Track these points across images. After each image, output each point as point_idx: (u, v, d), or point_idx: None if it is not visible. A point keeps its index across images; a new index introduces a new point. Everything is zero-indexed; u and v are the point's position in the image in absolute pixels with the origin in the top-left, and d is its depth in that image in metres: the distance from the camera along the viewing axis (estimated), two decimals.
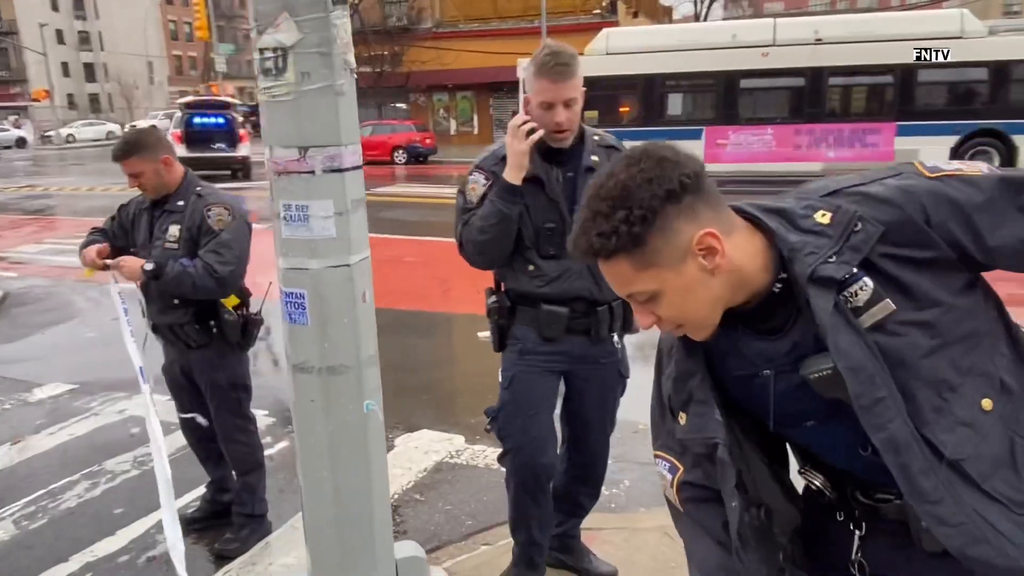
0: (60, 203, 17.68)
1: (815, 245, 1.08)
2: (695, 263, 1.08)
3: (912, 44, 14.64)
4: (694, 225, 1.07)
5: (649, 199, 1.04)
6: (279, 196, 1.34)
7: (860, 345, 1.05)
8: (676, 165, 1.08)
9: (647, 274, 1.09)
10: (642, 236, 1.05)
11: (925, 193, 1.07)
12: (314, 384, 1.41)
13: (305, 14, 1.24)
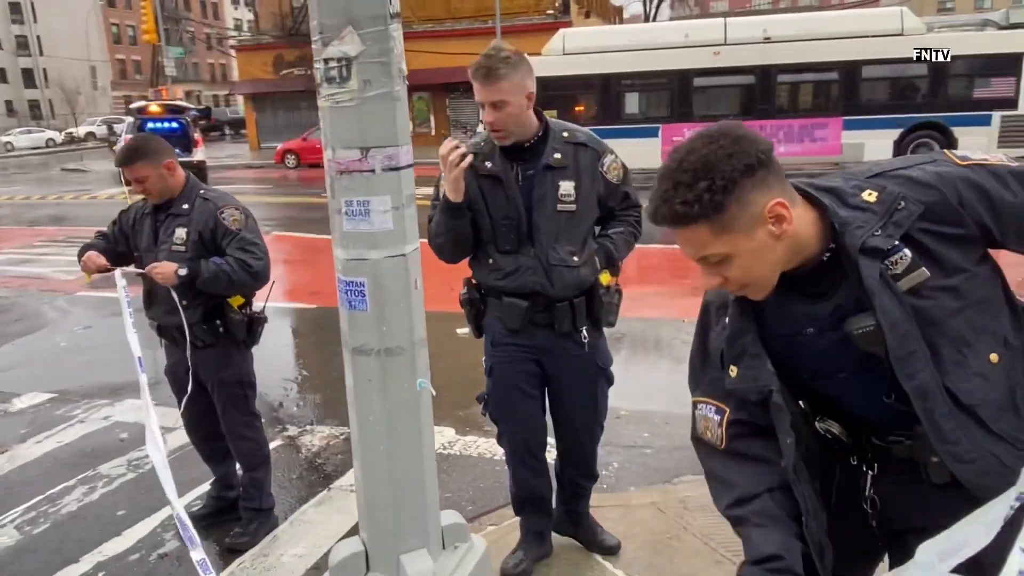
0: (9, 212, 17.19)
1: (863, 220, 1.26)
2: (765, 230, 1.24)
3: (855, 41, 15.25)
4: (766, 195, 1.23)
5: (730, 172, 1.20)
6: (341, 194, 1.47)
7: (898, 306, 1.24)
8: (752, 142, 1.25)
9: (722, 239, 1.24)
10: (722, 204, 1.21)
11: (959, 179, 1.26)
12: (372, 365, 1.54)
13: (367, 27, 1.37)
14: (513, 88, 2.36)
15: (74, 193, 20.47)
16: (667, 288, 7.89)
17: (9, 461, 4.32)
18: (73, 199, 19.17)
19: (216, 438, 3.41)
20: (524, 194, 2.49)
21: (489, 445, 4.25)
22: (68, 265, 9.99)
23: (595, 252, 2.58)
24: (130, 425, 4.76)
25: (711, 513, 3.31)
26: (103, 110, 60.69)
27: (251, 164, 27.97)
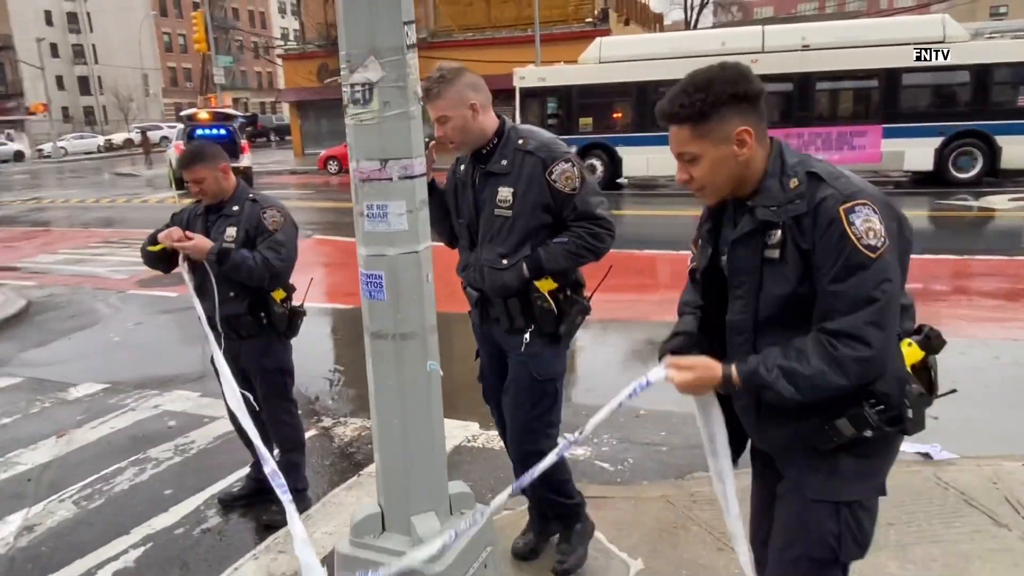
0: (65, 215, 18.00)
1: (773, 195, 1.66)
2: (730, 148, 1.65)
3: (897, 49, 15.13)
4: (740, 122, 1.64)
5: (721, 94, 1.62)
6: (363, 198, 1.70)
7: (751, 260, 1.68)
8: (749, 82, 1.66)
9: (697, 142, 1.66)
10: (707, 115, 1.63)
11: (840, 233, 1.58)
12: (388, 348, 1.77)
13: (387, 57, 1.60)
14: (450, 104, 2.52)
15: (126, 197, 21.31)
16: None
17: (67, 444, 4.67)
18: (125, 202, 19.97)
19: (256, 424, 3.68)
20: (478, 197, 2.69)
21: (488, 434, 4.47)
22: (120, 265, 10.53)
23: (525, 258, 2.60)
24: (177, 414, 5.09)
25: (719, 506, 3.48)
26: (154, 116, 62.68)
27: (295, 170, 28.70)
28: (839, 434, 1.67)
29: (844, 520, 1.74)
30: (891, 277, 1.58)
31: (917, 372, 1.69)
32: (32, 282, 9.79)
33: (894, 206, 1.69)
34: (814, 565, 1.80)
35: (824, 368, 1.56)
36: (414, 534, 1.83)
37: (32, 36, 51.35)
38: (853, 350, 1.55)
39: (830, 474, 1.74)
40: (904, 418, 1.66)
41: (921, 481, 3.66)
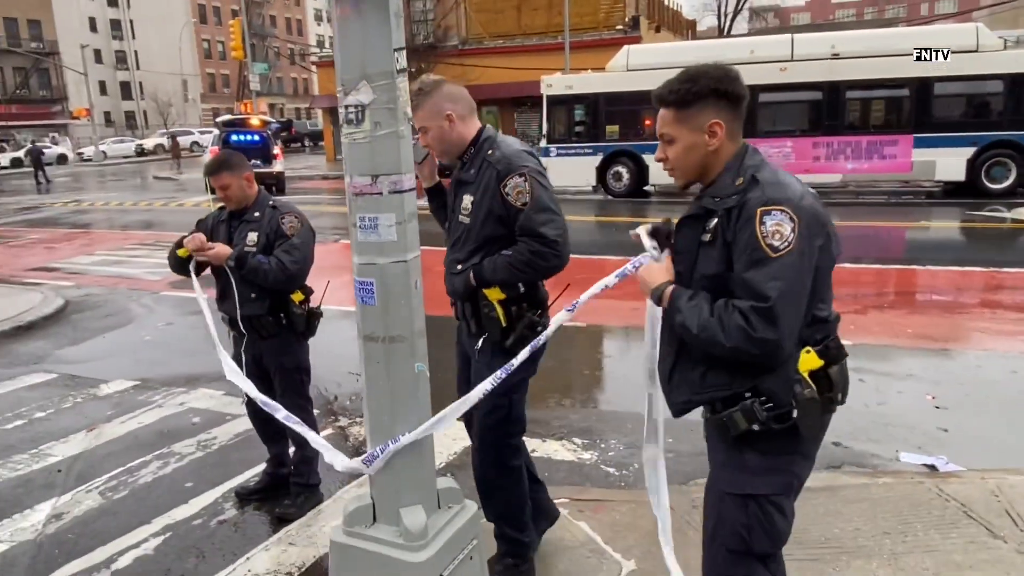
0: (104, 217, 18.56)
1: (722, 188, 1.89)
2: (701, 137, 1.88)
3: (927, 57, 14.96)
4: (714, 116, 1.87)
5: (705, 88, 1.85)
6: (356, 211, 1.84)
7: (691, 239, 1.92)
8: (734, 84, 1.87)
9: (676, 126, 1.90)
10: (688, 102, 1.87)
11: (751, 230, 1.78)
12: (379, 350, 1.90)
13: (378, 81, 1.73)
14: (428, 115, 2.66)
15: (163, 200, 21.88)
16: None
17: (97, 438, 4.90)
18: (162, 206, 20.52)
19: (273, 420, 3.83)
20: (453, 203, 2.85)
21: (528, 442, 4.56)
22: (155, 266, 10.87)
23: (473, 266, 2.68)
24: (202, 411, 5.29)
25: None
26: (193, 121, 64.16)
27: (327, 175, 29.17)
28: (735, 425, 1.87)
29: (753, 513, 1.92)
30: (785, 279, 1.73)
31: (816, 379, 1.83)
32: (70, 282, 10.16)
33: (827, 224, 1.85)
34: (731, 556, 1.97)
35: (716, 324, 1.78)
36: (402, 525, 1.96)
37: (77, 42, 52.92)
38: (740, 322, 1.75)
39: (738, 469, 1.92)
40: (790, 417, 1.81)
41: (922, 492, 3.69)
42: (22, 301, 8.66)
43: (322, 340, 3.87)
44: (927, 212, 14.45)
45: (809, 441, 1.93)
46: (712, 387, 1.92)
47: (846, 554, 3.16)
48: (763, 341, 1.73)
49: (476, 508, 2.19)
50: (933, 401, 5.02)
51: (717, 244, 1.84)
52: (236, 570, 3.33)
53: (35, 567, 3.41)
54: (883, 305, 7.76)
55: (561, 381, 5.80)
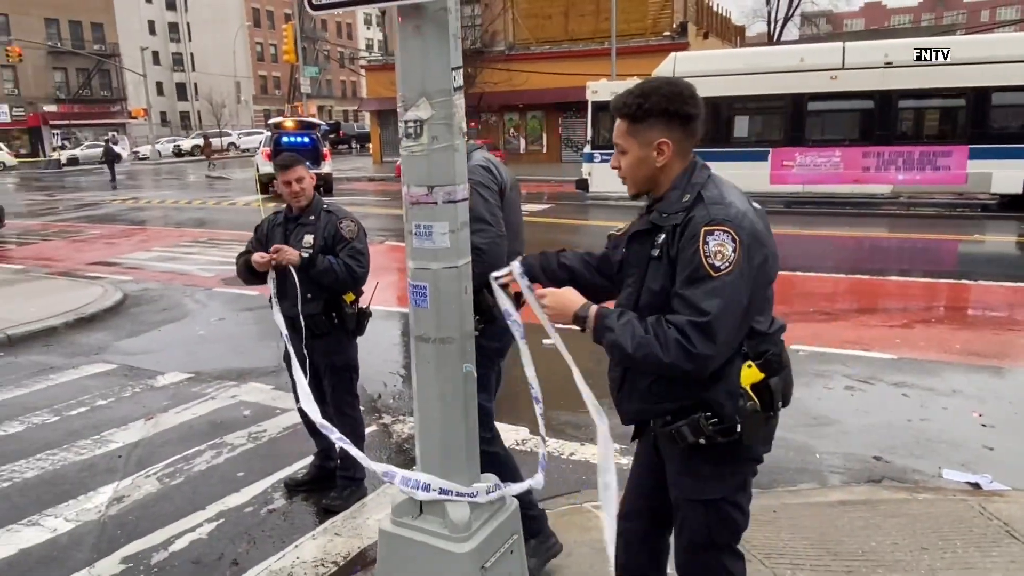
0: (160, 215, 19.19)
1: (671, 204, 1.96)
2: (650, 151, 1.96)
3: (985, 67, 14.61)
4: (663, 134, 1.94)
5: (657, 105, 1.92)
6: (412, 219, 1.96)
7: (641, 255, 1.98)
8: (686, 104, 1.93)
9: (627, 139, 1.99)
10: (640, 117, 1.94)
11: (695, 248, 1.85)
12: (430, 350, 2.01)
13: (437, 98, 1.85)
14: None
15: (216, 199, 22.51)
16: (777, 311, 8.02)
17: (154, 426, 5.13)
18: (215, 204, 21.12)
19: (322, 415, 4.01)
20: None
21: (558, 444, 4.66)
22: (208, 263, 11.25)
23: None
24: (252, 404, 5.50)
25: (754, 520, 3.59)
26: (245, 123, 65.74)
27: (373, 177, 29.65)
28: (683, 438, 1.97)
29: (712, 514, 2.06)
30: (724, 296, 1.81)
31: (758, 391, 1.91)
32: (129, 277, 10.58)
33: (766, 243, 1.93)
34: (697, 549, 2.10)
35: (653, 341, 1.83)
36: (447, 518, 2.07)
37: (137, 45, 54.76)
38: (677, 336, 1.81)
39: (694, 477, 2.06)
40: (734, 431, 1.90)
41: (964, 510, 3.67)
42: (84, 294, 9.06)
43: (368, 339, 4.01)
44: (981, 225, 14.09)
45: (757, 447, 2.03)
46: (660, 397, 1.99)
47: (882, 567, 3.16)
48: (700, 356, 1.80)
49: (517, 505, 2.28)
50: (979, 419, 4.95)
51: (664, 260, 1.92)
52: (285, 556, 3.48)
53: (99, 545, 3.61)
54: (931, 319, 7.63)
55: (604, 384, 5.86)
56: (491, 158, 2.91)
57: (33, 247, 13.87)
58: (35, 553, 3.56)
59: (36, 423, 5.21)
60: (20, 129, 51.02)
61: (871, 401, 5.31)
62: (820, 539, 3.40)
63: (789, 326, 2.23)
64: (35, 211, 20.49)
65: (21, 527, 3.80)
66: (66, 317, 7.97)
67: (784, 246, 8.71)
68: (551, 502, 3.85)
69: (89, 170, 32.77)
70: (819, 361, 6.16)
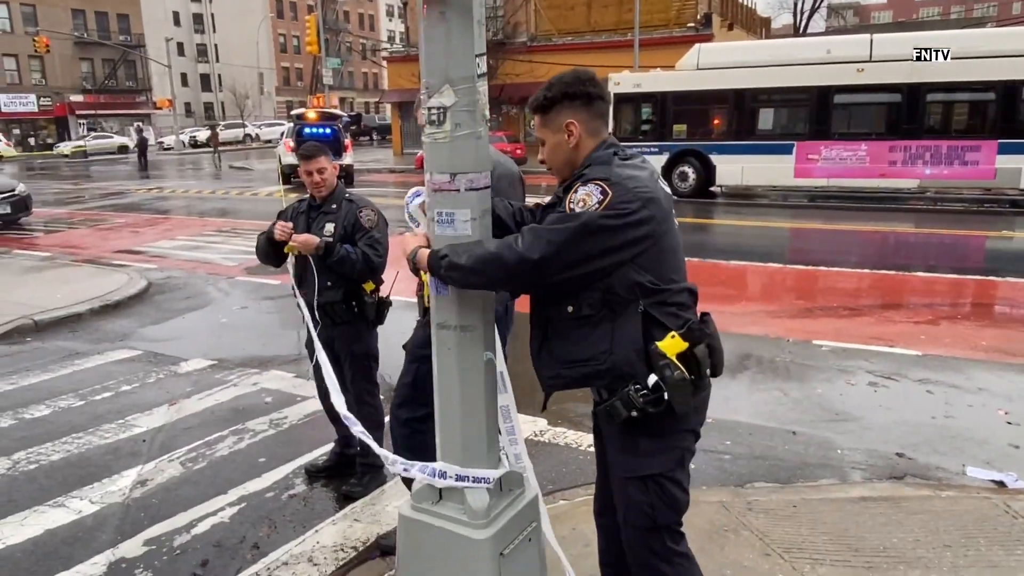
0: (184, 204, 19.40)
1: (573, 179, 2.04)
2: (561, 136, 2.08)
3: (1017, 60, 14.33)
4: (569, 116, 2.05)
5: (559, 92, 2.05)
6: (434, 206, 1.96)
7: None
8: (584, 85, 2.05)
9: (542, 129, 2.11)
10: (547, 107, 2.07)
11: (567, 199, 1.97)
12: (451, 337, 2.02)
13: (460, 85, 1.85)
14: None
15: (239, 189, 22.71)
16: (777, 307, 7.96)
17: (177, 412, 5.20)
18: (238, 195, 21.30)
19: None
20: None
21: (576, 436, 4.66)
22: (231, 252, 11.36)
23: None
24: (274, 391, 5.55)
25: (774, 515, 3.59)
26: (267, 114, 66.19)
27: (393, 168, 29.76)
28: (617, 413, 2.02)
29: (653, 491, 2.09)
30: (567, 230, 1.90)
31: (685, 361, 1.97)
32: (153, 265, 10.72)
33: (661, 204, 2.01)
34: (641, 533, 2.13)
35: (496, 251, 1.93)
36: (466, 504, 2.07)
37: (162, 36, 55.25)
38: (510, 239, 1.94)
39: (632, 453, 2.10)
40: (663, 401, 1.97)
41: (988, 507, 3.62)
42: (109, 281, 9.19)
43: (388, 328, 4.03)
44: (1010, 222, 13.84)
45: (691, 417, 2.09)
46: (574, 362, 2.05)
47: (903, 564, 3.13)
48: (521, 257, 1.90)
49: (536, 493, 2.29)
50: (1005, 416, 4.87)
51: None
52: (305, 541, 3.52)
53: (123, 527, 3.67)
54: (957, 316, 7.52)
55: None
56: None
57: (59, 235, 14.09)
58: (60, 534, 3.63)
59: (62, 407, 5.30)
60: (47, 119, 51.74)
61: (894, 397, 5.25)
62: (840, 535, 3.38)
63: (812, 321, 2.23)
64: (61, 199, 20.80)
65: (47, 508, 3.87)
66: (91, 304, 8.09)
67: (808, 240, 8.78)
68: (569, 492, 3.87)
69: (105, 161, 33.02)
70: (842, 357, 6.09)
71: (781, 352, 6.23)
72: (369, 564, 3.29)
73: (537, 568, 2.25)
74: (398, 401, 3.17)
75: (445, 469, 2.09)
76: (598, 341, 2.01)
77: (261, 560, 3.38)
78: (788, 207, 16.41)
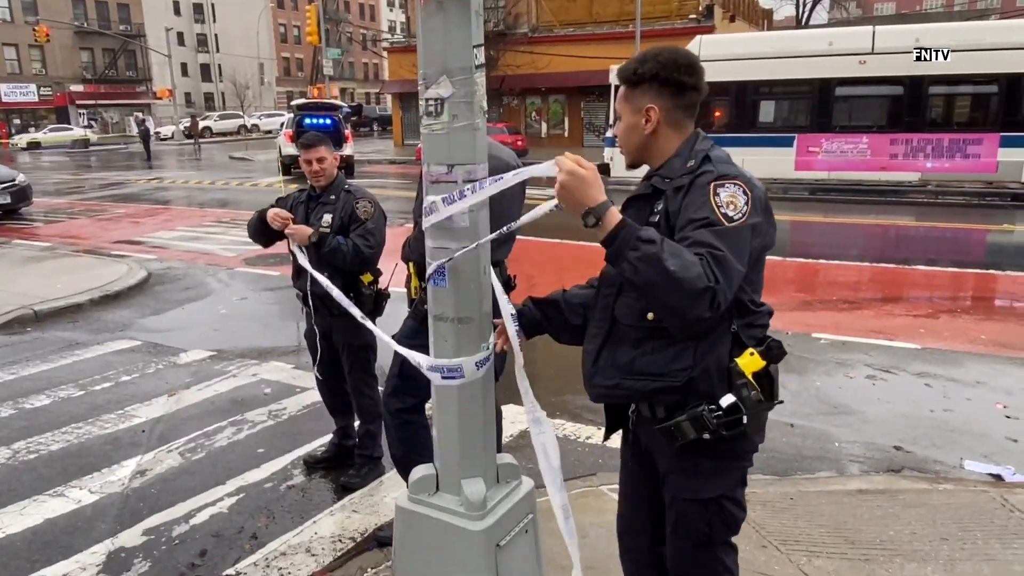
0: (184, 195, 19.37)
1: (673, 170, 1.88)
2: (638, 118, 1.93)
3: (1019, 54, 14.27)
4: (653, 101, 1.90)
5: (649, 70, 1.89)
6: (432, 197, 1.96)
7: (638, 220, 1.78)
8: (680, 72, 1.88)
9: (624, 104, 1.96)
10: (634, 82, 1.92)
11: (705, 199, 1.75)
12: (448, 329, 2.01)
13: (457, 76, 1.84)
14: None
15: (238, 180, 22.67)
16: (776, 300, 7.95)
17: (177, 402, 5.21)
18: (237, 185, 21.27)
19: (341, 394, 4.06)
20: None
21: (575, 428, 4.67)
22: (230, 243, 11.34)
23: None
24: (273, 383, 5.56)
25: (771, 507, 3.59)
26: (268, 104, 65.98)
27: (394, 160, 29.67)
28: (683, 435, 1.84)
29: (713, 512, 1.97)
30: (737, 244, 1.70)
31: (759, 380, 1.81)
32: (153, 255, 10.71)
33: (770, 208, 1.85)
34: (695, 549, 2.02)
35: (691, 257, 1.63)
36: (463, 495, 2.08)
37: (162, 25, 55.03)
38: (702, 264, 1.65)
39: (692, 475, 1.94)
40: (740, 423, 1.80)
41: (985, 501, 3.63)
42: (109, 272, 9.19)
43: (387, 320, 4.02)
44: (1011, 215, 13.82)
45: (757, 440, 1.96)
46: (643, 375, 1.87)
47: (900, 556, 3.14)
48: (713, 290, 1.62)
49: (533, 485, 2.29)
50: (1004, 410, 4.88)
51: (663, 226, 1.81)
52: (304, 531, 3.53)
53: (122, 517, 3.68)
54: (956, 310, 7.52)
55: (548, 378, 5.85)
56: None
57: (59, 225, 14.07)
58: (60, 523, 3.64)
59: (62, 397, 5.31)
60: (47, 108, 51.63)
61: (893, 391, 5.26)
62: (837, 527, 3.39)
63: (811, 314, 2.20)
64: (61, 190, 20.77)
65: (47, 497, 3.88)
66: (91, 294, 8.09)
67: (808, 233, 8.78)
68: (568, 484, 3.87)
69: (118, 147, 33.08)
70: (841, 350, 6.10)
71: (794, 347, 6.23)
72: (366, 555, 3.30)
73: (533, 559, 2.25)
74: (389, 391, 3.18)
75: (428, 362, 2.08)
76: (678, 356, 1.82)
77: (259, 550, 3.39)
78: (788, 200, 16.38)
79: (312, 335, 3.94)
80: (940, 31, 15.61)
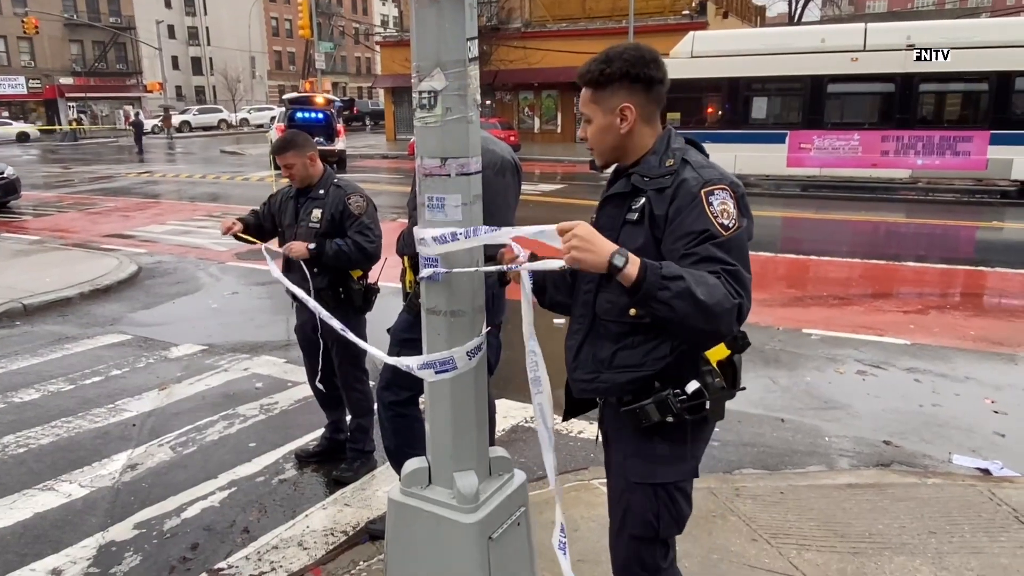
0: (175, 189, 19.26)
1: (650, 168, 1.86)
2: (613, 118, 1.88)
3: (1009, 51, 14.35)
4: (626, 99, 1.86)
5: (618, 69, 1.84)
6: (425, 191, 1.95)
7: (615, 218, 1.89)
8: (648, 67, 1.84)
9: (591, 106, 1.91)
10: (603, 83, 1.86)
11: (699, 211, 1.74)
12: (441, 322, 2.01)
13: (451, 68, 1.84)
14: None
15: (229, 174, 22.56)
16: (767, 296, 7.98)
17: (168, 397, 5.19)
18: (228, 179, 21.17)
19: (332, 388, 4.05)
20: None
21: (567, 424, 4.67)
22: (221, 238, 11.23)
23: None
24: (264, 377, 5.54)
25: (761, 501, 3.61)
26: (259, 98, 65.61)
27: (387, 154, 29.59)
28: (648, 417, 1.87)
29: (662, 500, 1.97)
30: (740, 251, 1.73)
31: (723, 368, 1.87)
32: (143, 250, 10.65)
33: (748, 204, 1.85)
34: (638, 543, 2.02)
35: (717, 283, 1.64)
36: (455, 488, 2.08)
37: (152, 18, 54.58)
38: (724, 285, 1.67)
39: (648, 458, 1.95)
40: (703, 408, 1.85)
41: (973, 495, 3.66)
42: (99, 266, 9.13)
43: (378, 315, 4.02)
44: (1000, 212, 13.91)
45: (712, 427, 2.01)
46: (621, 368, 1.91)
47: (888, 549, 3.17)
48: (739, 308, 1.67)
49: (525, 478, 2.30)
50: (992, 405, 4.92)
51: (644, 224, 1.83)
52: (295, 525, 3.53)
53: (113, 511, 3.67)
54: (946, 306, 7.57)
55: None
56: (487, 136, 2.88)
57: (49, 218, 13.98)
58: (50, 517, 3.63)
59: (52, 391, 5.28)
60: (36, 101, 51.17)
61: (883, 386, 5.29)
62: (827, 521, 3.41)
63: (802, 309, 2.21)
64: (51, 183, 20.61)
65: (36, 491, 3.86)
66: (81, 288, 8.05)
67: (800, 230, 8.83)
68: (559, 479, 3.88)
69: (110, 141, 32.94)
70: (831, 345, 6.13)
71: (771, 340, 6.26)
72: (359, 548, 3.31)
73: (526, 552, 2.26)
74: (382, 384, 3.18)
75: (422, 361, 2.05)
76: (655, 348, 1.86)
77: (251, 544, 3.39)
78: (780, 196, 16.44)
79: (303, 329, 3.93)
80: (931, 29, 15.66)
